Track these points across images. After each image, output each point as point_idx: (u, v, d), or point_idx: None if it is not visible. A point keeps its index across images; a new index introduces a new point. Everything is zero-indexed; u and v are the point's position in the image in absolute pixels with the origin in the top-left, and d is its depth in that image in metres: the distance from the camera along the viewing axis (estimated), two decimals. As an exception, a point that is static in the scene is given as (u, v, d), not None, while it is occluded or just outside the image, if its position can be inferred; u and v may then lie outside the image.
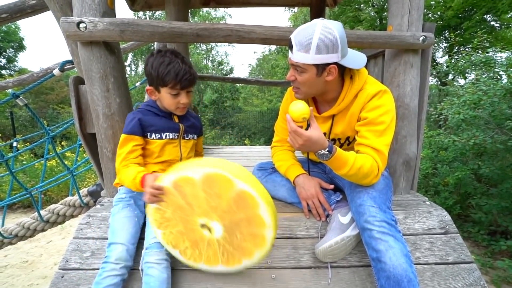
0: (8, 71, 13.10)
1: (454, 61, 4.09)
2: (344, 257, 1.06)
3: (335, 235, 1.02)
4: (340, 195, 1.18)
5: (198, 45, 12.34)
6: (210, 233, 0.92)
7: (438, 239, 1.12)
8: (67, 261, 1.06)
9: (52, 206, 1.79)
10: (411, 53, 1.25)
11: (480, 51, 3.96)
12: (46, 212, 1.76)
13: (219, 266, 0.97)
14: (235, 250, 0.93)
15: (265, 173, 1.36)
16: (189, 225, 0.93)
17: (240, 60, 36.17)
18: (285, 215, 1.18)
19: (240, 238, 0.91)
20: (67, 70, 1.38)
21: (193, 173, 0.86)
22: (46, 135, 1.46)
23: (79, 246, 1.10)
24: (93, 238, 1.12)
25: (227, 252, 0.94)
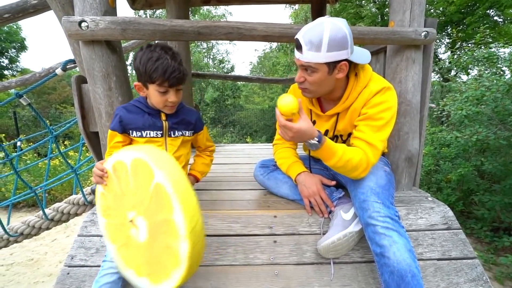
0: (11, 71, 13.16)
1: (457, 57, 4.06)
2: (347, 253, 1.07)
3: (338, 231, 1.03)
4: (342, 192, 1.18)
5: (199, 44, 12.31)
6: (136, 233, 0.79)
7: (441, 235, 1.13)
8: (72, 258, 1.08)
9: (57, 205, 1.80)
10: (413, 49, 1.24)
11: (483, 47, 3.92)
12: (51, 211, 1.78)
13: (143, 280, 0.80)
14: (157, 264, 0.76)
15: (267, 171, 1.37)
16: (122, 219, 0.81)
17: (241, 58, 36.07)
18: (288, 212, 1.19)
19: (160, 249, 0.75)
20: (69, 70, 1.39)
21: (125, 157, 0.79)
22: (50, 134, 1.47)
23: (84, 244, 1.11)
24: (98, 236, 1.13)
25: (150, 264, 0.78)
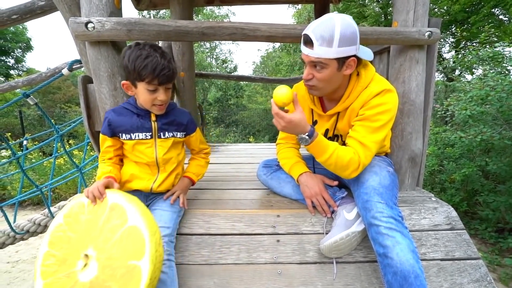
0: (16, 71, 13.32)
1: (461, 56, 4.03)
2: (350, 253, 1.07)
3: (340, 231, 1.03)
4: (345, 192, 1.18)
5: (202, 44, 12.34)
6: (82, 273, 0.81)
7: (444, 235, 1.12)
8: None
9: (62, 203, 1.83)
10: (417, 49, 1.24)
11: (488, 46, 3.89)
12: (56, 209, 1.81)
13: None
14: None
15: (270, 170, 1.38)
16: (70, 265, 0.83)
17: (244, 58, 36.06)
18: (291, 212, 1.20)
19: None
20: (75, 70, 1.41)
21: (117, 199, 0.86)
22: (56, 133, 1.49)
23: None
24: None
25: None
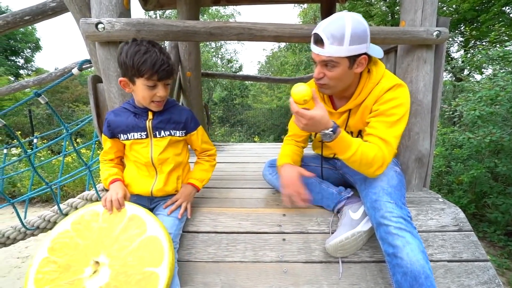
0: (26, 71, 13.57)
1: (470, 56, 3.97)
2: (355, 252, 1.07)
3: (346, 231, 1.03)
4: (351, 191, 1.18)
5: (207, 43, 12.36)
6: (91, 279, 0.86)
7: (451, 237, 1.12)
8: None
9: (70, 200, 1.85)
10: (425, 49, 1.23)
11: (498, 45, 3.82)
12: (65, 206, 1.83)
13: None
14: None
15: (276, 170, 1.38)
16: (75, 273, 0.88)
17: (249, 58, 36.04)
18: (297, 211, 1.20)
19: None
20: (85, 69, 1.43)
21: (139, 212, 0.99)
22: (66, 132, 1.51)
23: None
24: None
25: None
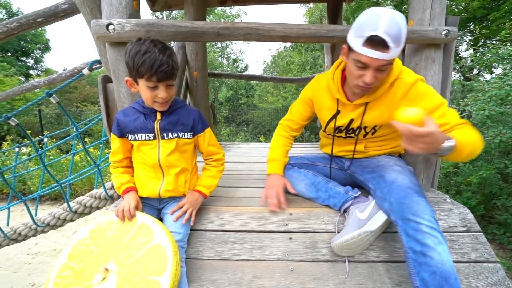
0: (35, 71, 13.84)
1: (480, 55, 3.90)
2: (362, 252, 1.07)
3: (352, 230, 1.04)
4: (358, 191, 1.18)
5: (213, 43, 12.44)
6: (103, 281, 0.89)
7: (460, 237, 1.11)
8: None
9: (80, 198, 1.89)
10: (433, 48, 1.22)
11: (509, 44, 3.75)
12: (74, 204, 1.88)
13: None
14: None
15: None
16: (88, 278, 0.90)
17: (255, 57, 36.04)
18: (303, 210, 1.21)
19: None
20: (95, 70, 1.46)
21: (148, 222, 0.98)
22: (76, 131, 1.55)
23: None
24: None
25: None
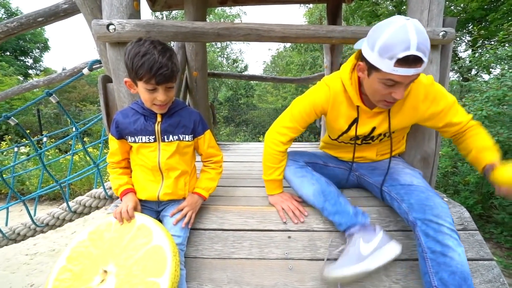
0: (34, 71, 13.82)
1: (478, 56, 3.92)
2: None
3: (351, 263, 0.94)
4: (369, 217, 1.08)
5: (213, 43, 12.44)
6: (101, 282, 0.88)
7: (457, 236, 1.12)
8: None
9: (79, 198, 1.90)
10: (431, 49, 1.23)
11: (507, 44, 3.77)
12: (74, 203, 1.88)
13: None
14: None
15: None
16: (87, 280, 0.90)
17: (255, 57, 36.06)
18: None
19: None
20: (95, 69, 1.47)
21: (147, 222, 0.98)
22: (75, 131, 1.55)
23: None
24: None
25: None
